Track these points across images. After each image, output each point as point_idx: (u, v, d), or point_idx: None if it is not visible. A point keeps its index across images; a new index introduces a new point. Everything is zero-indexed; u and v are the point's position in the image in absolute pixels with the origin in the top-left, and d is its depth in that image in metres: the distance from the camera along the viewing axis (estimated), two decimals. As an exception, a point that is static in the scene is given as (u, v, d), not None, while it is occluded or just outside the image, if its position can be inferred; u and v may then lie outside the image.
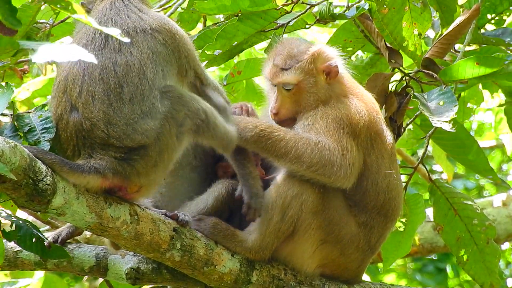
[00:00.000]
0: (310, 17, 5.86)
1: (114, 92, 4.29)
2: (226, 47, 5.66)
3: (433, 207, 5.74)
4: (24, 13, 5.28)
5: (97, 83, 4.29)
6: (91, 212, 4.35)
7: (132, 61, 4.34)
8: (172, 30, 4.56)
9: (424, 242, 9.23)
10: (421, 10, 5.26)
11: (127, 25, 4.44)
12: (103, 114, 4.28)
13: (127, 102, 4.29)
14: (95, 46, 4.36)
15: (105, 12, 4.51)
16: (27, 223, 4.47)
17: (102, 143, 4.29)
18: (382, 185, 4.97)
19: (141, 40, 4.41)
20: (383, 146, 5.03)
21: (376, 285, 5.13)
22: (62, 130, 4.35)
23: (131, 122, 4.29)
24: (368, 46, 5.98)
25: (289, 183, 4.81)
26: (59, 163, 4.23)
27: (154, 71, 4.38)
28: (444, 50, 5.63)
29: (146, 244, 4.56)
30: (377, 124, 5.03)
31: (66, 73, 4.36)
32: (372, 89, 5.46)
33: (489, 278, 5.71)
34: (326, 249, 4.91)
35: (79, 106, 4.29)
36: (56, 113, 4.36)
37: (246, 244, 4.85)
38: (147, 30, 4.46)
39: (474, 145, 5.84)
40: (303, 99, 5.05)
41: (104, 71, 4.30)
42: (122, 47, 4.35)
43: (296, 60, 5.08)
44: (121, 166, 4.30)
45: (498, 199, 9.36)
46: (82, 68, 4.31)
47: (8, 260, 4.88)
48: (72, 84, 4.32)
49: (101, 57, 4.32)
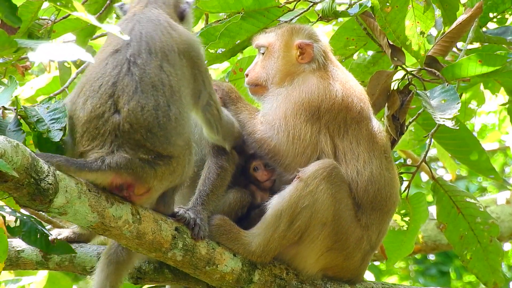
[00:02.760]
0: (312, 15, 5.85)
1: (162, 108, 4.45)
2: (229, 46, 5.65)
3: (436, 206, 5.73)
4: (26, 10, 5.30)
5: (149, 97, 4.44)
6: (93, 211, 4.36)
7: (174, 83, 4.51)
8: (194, 55, 4.69)
9: (428, 240, 9.21)
10: (424, 9, 5.25)
11: (160, 43, 4.56)
12: (147, 123, 4.42)
13: (173, 121, 4.47)
14: (143, 59, 4.50)
15: (138, 22, 4.64)
16: (32, 219, 4.50)
17: (135, 144, 4.42)
18: (365, 173, 4.90)
19: (173, 60, 4.57)
20: (360, 132, 4.97)
21: (378, 285, 5.11)
22: (96, 127, 4.43)
23: (168, 136, 4.45)
24: (370, 44, 5.96)
25: (301, 193, 4.75)
26: (65, 163, 4.31)
27: (186, 97, 4.58)
28: (446, 48, 5.62)
29: (148, 243, 4.56)
30: (354, 110, 4.97)
31: (115, 80, 4.46)
32: (374, 87, 5.46)
33: (492, 276, 5.70)
34: (331, 255, 4.88)
35: (124, 111, 4.42)
36: (95, 111, 4.45)
37: (249, 247, 4.82)
38: (175, 51, 4.59)
39: (476, 145, 5.83)
40: (270, 65, 5.09)
41: (154, 89, 4.46)
42: (162, 65, 4.52)
43: (278, 27, 5.20)
44: (141, 166, 4.42)
45: (502, 197, 9.34)
46: (134, 80, 4.45)
47: (10, 260, 4.89)
48: (121, 92, 4.44)
49: (150, 73, 4.48)
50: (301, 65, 5.09)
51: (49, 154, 4.34)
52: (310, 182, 4.76)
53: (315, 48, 5.08)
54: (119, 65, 4.47)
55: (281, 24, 5.45)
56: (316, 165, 4.80)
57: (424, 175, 12.01)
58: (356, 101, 4.99)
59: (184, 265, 4.71)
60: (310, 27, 5.26)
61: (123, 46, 4.52)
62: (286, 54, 5.10)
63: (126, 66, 4.46)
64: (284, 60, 5.09)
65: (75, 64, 6.65)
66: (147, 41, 4.52)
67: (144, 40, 4.52)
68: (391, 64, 5.64)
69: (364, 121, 5.00)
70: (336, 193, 4.79)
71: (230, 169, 4.95)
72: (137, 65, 4.46)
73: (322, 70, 5.06)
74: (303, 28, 5.16)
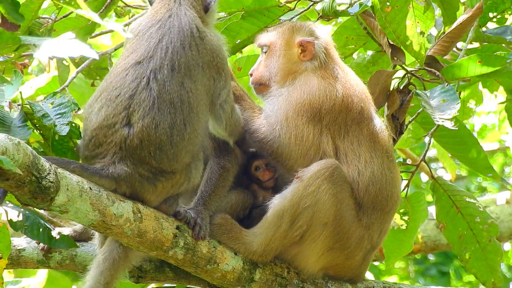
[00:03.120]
0: (313, 14, 5.86)
1: (178, 127, 4.46)
2: (230, 45, 5.65)
3: (436, 205, 5.73)
4: (26, 8, 5.29)
5: (165, 115, 4.44)
6: (94, 210, 4.36)
7: (193, 100, 4.50)
8: (219, 61, 4.69)
9: (427, 240, 9.22)
10: (424, 9, 5.25)
11: (185, 58, 4.55)
12: (159, 142, 4.44)
13: (186, 140, 4.48)
14: (163, 75, 4.48)
15: (169, 31, 4.62)
16: (34, 214, 4.50)
17: (139, 159, 4.44)
18: (366, 173, 4.90)
19: (196, 75, 4.56)
20: (361, 133, 4.96)
21: (379, 284, 5.11)
22: (104, 135, 4.45)
23: (178, 154, 4.48)
24: (370, 44, 5.97)
25: (303, 193, 4.75)
26: (80, 169, 4.38)
27: (203, 110, 4.57)
28: (446, 48, 5.62)
29: (149, 242, 4.56)
30: (355, 110, 4.96)
31: (132, 93, 4.46)
32: (374, 87, 5.46)
33: (491, 276, 5.70)
34: (333, 255, 4.88)
35: (137, 126, 4.43)
36: (107, 120, 4.47)
37: (251, 247, 4.82)
38: (199, 65, 4.59)
39: (474, 143, 5.84)
40: (272, 64, 5.10)
41: (172, 107, 4.45)
42: (184, 81, 4.50)
43: (279, 26, 5.20)
44: (140, 182, 4.46)
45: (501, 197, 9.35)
46: (152, 96, 4.44)
47: (11, 259, 4.88)
48: (137, 106, 4.44)
49: (170, 89, 4.48)
50: (303, 63, 5.08)
51: (67, 160, 4.41)
52: (312, 182, 4.75)
53: (316, 45, 5.08)
54: (139, 77, 4.47)
55: (283, 22, 5.46)
56: (318, 165, 4.79)
57: (424, 176, 12.03)
58: (357, 101, 4.98)
59: (185, 263, 4.71)
60: (312, 24, 5.25)
61: (145, 58, 4.52)
62: (287, 52, 5.10)
63: (146, 80, 4.46)
64: (285, 58, 5.10)
65: (74, 62, 6.64)
66: (171, 57, 4.51)
67: (169, 56, 4.51)
68: (391, 64, 5.64)
69: (365, 121, 4.99)
70: (338, 193, 4.78)
71: (233, 169, 4.95)
72: (157, 81, 4.46)
73: (323, 68, 5.05)
74: (304, 25, 5.16)
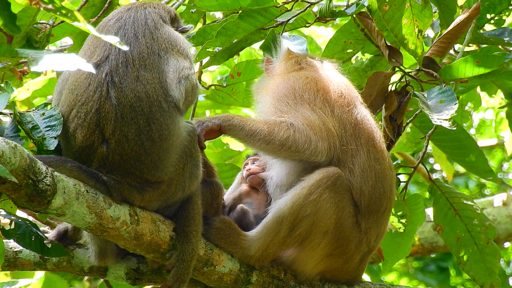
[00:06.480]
0: (310, 16, 5.86)
1: (144, 131, 4.41)
2: (226, 44, 5.65)
3: (433, 207, 5.73)
4: (24, 14, 5.28)
5: (129, 123, 4.41)
6: (91, 212, 4.35)
7: (151, 91, 4.43)
8: (183, 53, 4.62)
9: (424, 242, 9.21)
10: (422, 7, 5.25)
11: (139, 48, 4.51)
12: (135, 153, 4.41)
13: (157, 140, 4.43)
14: (119, 75, 4.44)
15: (124, 24, 4.59)
16: (26, 222, 4.48)
17: (124, 171, 4.43)
18: (356, 170, 4.85)
19: (151, 63, 4.50)
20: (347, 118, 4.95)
21: (376, 285, 5.11)
22: (88, 155, 4.43)
23: (157, 160, 4.44)
24: (368, 47, 5.97)
25: (304, 201, 4.71)
26: (77, 169, 4.37)
27: (165, 93, 4.47)
28: (444, 50, 5.62)
29: (146, 244, 4.56)
30: (334, 93, 4.97)
31: (97, 106, 4.42)
32: (372, 88, 5.46)
33: (489, 278, 5.70)
34: (331, 260, 4.86)
35: (112, 142, 4.41)
36: (85, 141, 4.43)
37: (248, 251, 4.80)
38: (155, 52, 4.53)
39: (473, 146, 5.84)
40: None
41: (133, 110, 4.40)
42: (139, 74, 4.45)
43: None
44: (129, 190, 4.45)
45: (498, 199, 9.34)
46: (113, 105, 4.40)
47: (8, 261, 4.86)
48: (105, 121, 4.41)
49: (126, 91, 4.42)
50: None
51: (64, 158, 4.38)
52: (314, 191, 4.71)
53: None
54: (100, 86, 4.42)
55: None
56: (321, 173, 4.75)
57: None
58: (335, 85, 5.01)
59: (182, 266, 4.70)
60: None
61: (103, 58, 4.48)
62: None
63: (106, 88, 4.41)
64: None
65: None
66: (124, 51, 4.46)
67: (122, 51, 4.46)
68: (389, 68, 5.65)
69: (346, 107, 4.96)
70: (340, 202, 4.75)
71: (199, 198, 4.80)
72: (114, 86, 4.41)
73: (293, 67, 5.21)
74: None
